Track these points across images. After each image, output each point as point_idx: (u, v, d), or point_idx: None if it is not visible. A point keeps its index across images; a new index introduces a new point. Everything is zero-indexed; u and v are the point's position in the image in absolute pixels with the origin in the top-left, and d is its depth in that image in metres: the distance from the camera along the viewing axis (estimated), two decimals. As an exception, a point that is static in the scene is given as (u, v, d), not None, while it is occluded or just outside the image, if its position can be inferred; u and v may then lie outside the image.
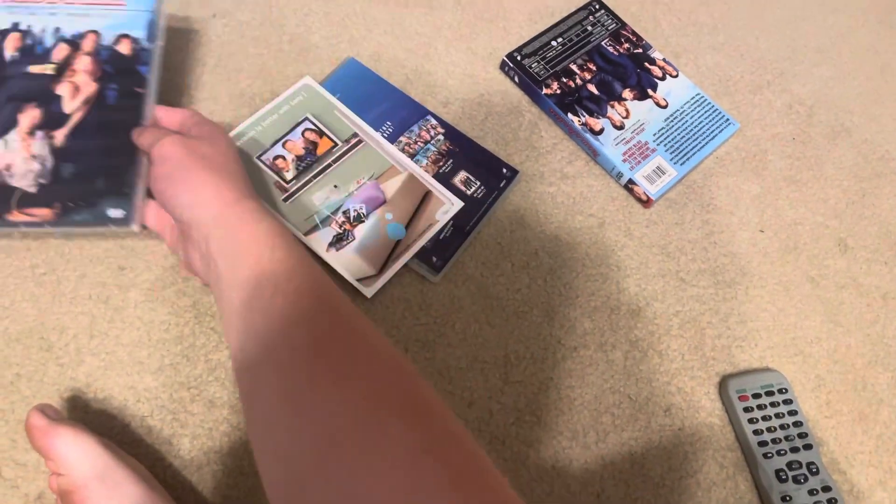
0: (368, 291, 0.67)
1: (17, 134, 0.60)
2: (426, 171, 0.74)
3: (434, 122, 0.77)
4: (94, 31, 0.65)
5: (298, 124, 0.73)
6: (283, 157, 0.71)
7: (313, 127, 0.73)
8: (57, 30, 0.65)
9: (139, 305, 0.63)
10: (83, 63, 0.63)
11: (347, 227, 0.69)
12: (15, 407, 0.58)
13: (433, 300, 0.69)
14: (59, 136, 0.60)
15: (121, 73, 0.64)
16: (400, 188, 0.71)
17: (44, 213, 0.58)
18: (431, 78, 0.82)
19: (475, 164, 0.76)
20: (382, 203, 0.70)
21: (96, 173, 0.60)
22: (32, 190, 0.58)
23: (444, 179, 0.74)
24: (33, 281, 0.63)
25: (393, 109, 0.77)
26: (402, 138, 0.75)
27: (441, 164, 0.75)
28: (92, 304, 0.63)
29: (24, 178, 0.59)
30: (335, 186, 0.70)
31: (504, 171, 0.76)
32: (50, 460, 0.51)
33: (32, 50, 0.63)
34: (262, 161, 0.70)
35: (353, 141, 0.73)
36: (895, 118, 0.94)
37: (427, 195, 0.72)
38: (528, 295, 0.71)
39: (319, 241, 0.68)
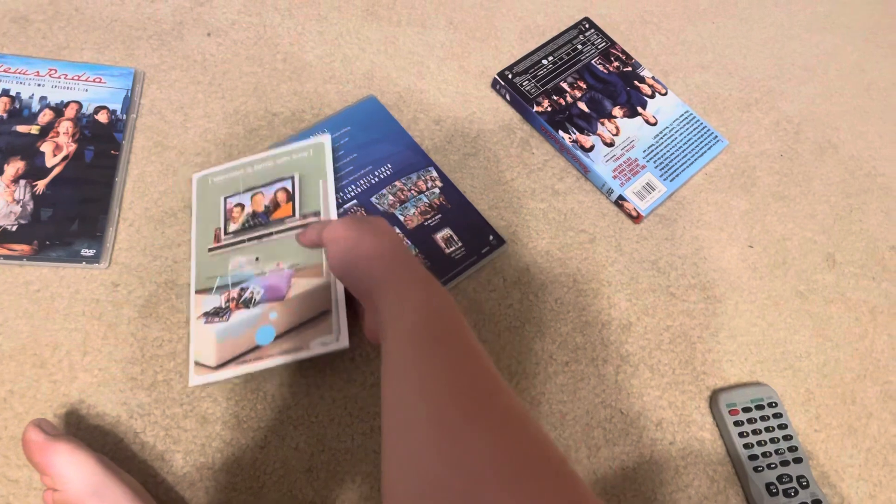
0: (192, 380, 0.61)
1: (1, 181, 0.67)
2: (410, 221, 0.73)
3: (435, 174, 0.77)
4: (77, 102, 0.72)
5: (281, 180, 0.69)
6: (242, 207, 0.68)
7: (289, 189, 0.68)
8: (43, 98, 0.71)
9: (132, 322, 0.64)
10: (65, 127, 0.71)
11: (232, 305, 0.63)
12: (8, 424, 0.58)
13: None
14: (41, 185, 0.67)
15: (98, 138, 0.71)
16: (307, 292, 0.63)
17: (23, 248, 0.64)
18: (424, 96, 0.83)
19: (463, 225, 0.74)
20: (280, 299, 0.63)
21: (72, 218, 0.66)
22: (13, 228, 0.65)
23: (426, 232, 0.73)
24: (27, 298, 0.63)
25: (399, 153, 0.77)
26: (396, 183, 0.75)
27: (428, 216, 0.74)
28: (85, 320, 0.63)
29: (6, 218, 0.65)
30: (256, 259, 0.65)
31: (490, 238, 0.74)
32: (46, 475, 0.51)
33: (20, 113, 0.70)
34: (224, 202, 0.69)
35: (310, 219, 0.66)
36: (881, 135, 0.96)
37: (324, 315, 0.61)
38: (519, 310, 0.72)
39: (200, 306, 0.64)
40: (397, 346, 0.47)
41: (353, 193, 0.73)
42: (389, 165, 0.76)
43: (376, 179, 0.75)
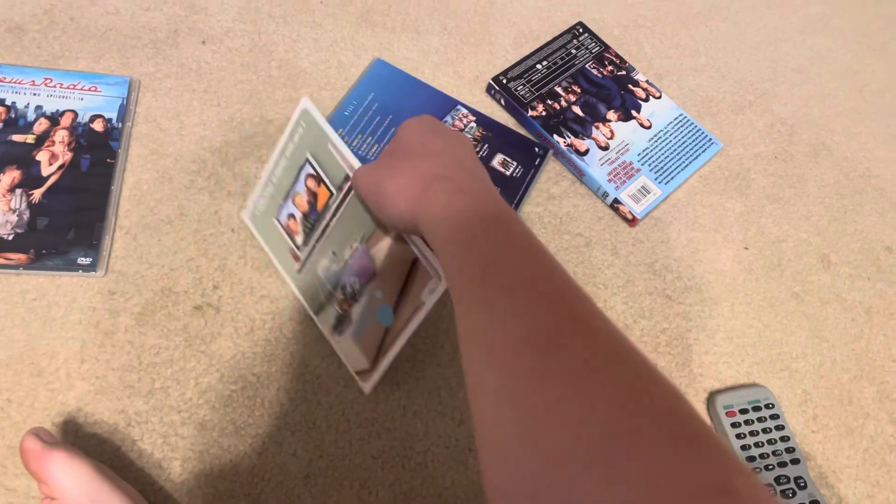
0: (366, 387, 0.63)
1: None
2: None
3: (465, 111, 0.82)
4: (72, 111, 0.72)
5: (301, 169, 0.64)
6: (294, 217, 0.65)
7: (313, 172, 0.63)
8: (39, 107, 0.72)
9: (129, 330, 0.64)
10: (60, 136, 0.71)
11: (345, 307, 0.63)
12: (5, 433, 0.58)
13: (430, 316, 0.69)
14: (37, 194, 0.67)
15: (94, 146, 0.71)
16: (388, 255, 0.59)
17: (19, 257, 0.64)
18: (419, 101, 0.83)
19: (509, 146, 0.81)
20: (373, 276, 0.60)
21: (68, 226, 0.67)
22: (9, 237, 0.65)
23: (484, 163, 0.78)
24: (24, 307, 0.63)
25: (427, 103, 0.82)
26: None
27: (478, 149, 0.79)
28: (82, 328, 0.63)
29: (3, 227, 0.65)
30: (333, 253, 0.63)
31: (536, 149, 0.81)
32: (43, 484, 0.51)
33: (16, 122, 0.71)
34: (279, 222, 0.66)
35: (346, 188, 0.61)
36: (875, 136, 0.96)
37: (415, 264, 0.57)
38: (516, 314, 0.72)
39: (326, 321, 0.65)
40: (453, 294, 0.42)
41: None
42: None
43: None
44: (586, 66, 0.89)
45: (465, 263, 0.42)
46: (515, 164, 0.80)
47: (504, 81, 0.85)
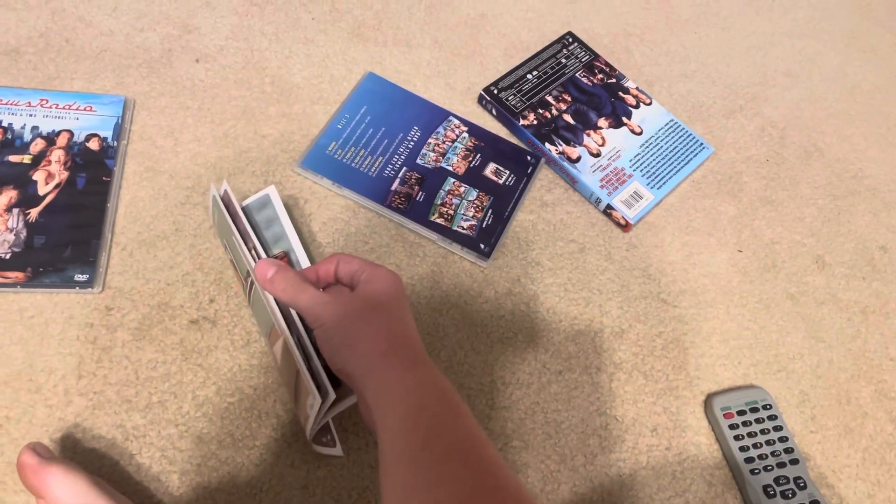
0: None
1: None
2: (458, 167, 0.77)
3: (457, 121, 0.83)
4: (68, 130, 0.73)
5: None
6: None
7: (230, 256, 0.66)
8: (35, 128, 0.73)
9: (126, 345, 0.64)
10: (57, 155, 0.72)
11: None
12: (4, 449, 0.58)
13: (417, 329, 0.70)
14: (34, 213, 0.68)
15: (90, 165, 0.72)
16: (282, 356, 0.61)
17: (16, 275, 0.65)
18: (411, 113, 0.84)
19: (501, 155, 0.82)
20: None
21: (65, 244, 0.67)
22: (7, 256, 0.65)
23: (476, 172, 0.80)
24: (21, 325, 0.64)
25: (419, 115, 0.83)
26: (430, 140, 0.81)
27: (470, 158, 0.80)
28: (80, 344, 0.63)
29: (0, 246, 0.65)
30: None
31: (528, 158, 0.82)
32: (41, 499, 0.51)
33: (12, 143, 0.72)
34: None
35: (248, 282, 0.62)
36: (867, 137, 0.97)
37: (298, 376, 0.58)
38: (511, 321, 0.72)
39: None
40: (388, 449, 0.46)
41: (400, 161, 0.79)
42: (416, 128, 0.81)
43: (412, 143, 0.80)
44: (576, 74, 0.90)
45: (412, 425, 0.46)
46: (508, 172, 0.80)
47: (495, 92, 0.86)
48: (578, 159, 0.82)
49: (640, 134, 0.86)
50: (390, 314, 0.54)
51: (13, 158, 0.70)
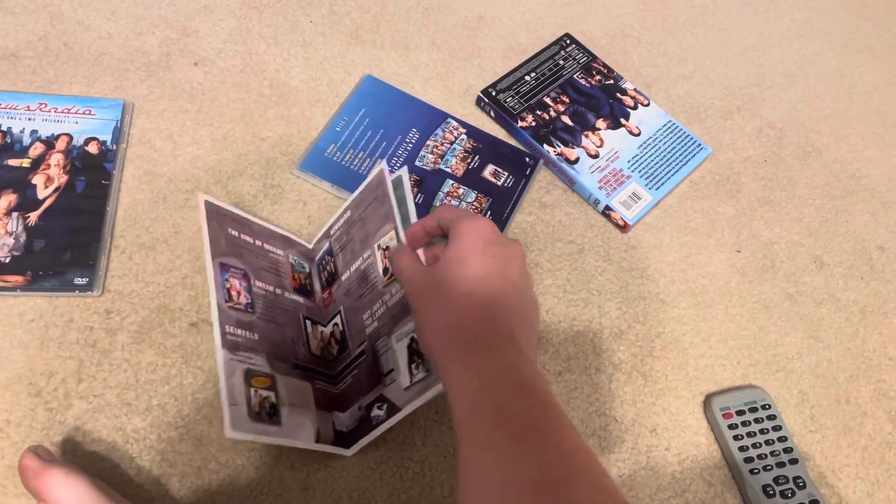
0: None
1: None
2: (457, 169, 0.78)
3: (455, 123, 0.83)
4: (67, 134, 0.74)
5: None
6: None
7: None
8: (34, 132, 0.73)
9: (126, 348, 0.64)
10: (56, 159, 0.72)
11: None
12: (5, 453, 0.58)
13: (417, 331, 0.70)
14: (33, 217, 0.68)
15: (89, 168, 0.73)
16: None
17: (16, 279, 0.65)
18: (409, 116, 0.84)
19: (500, 157, 0.82)
20: None
21: (64, 248, 0.67)
22: (6, 260, 0.66)
23: (475, 174, 0.80)
24: (21, 328, 0.64)
25: (417, 117, 0.83)
26: (428, 142, 0.82)
27: (469, 160, 0.81)
28: (80, 348, 0.64)
29: (0, 250, 0.65)
30: None
31: (527, 160, 0.83)
32: (42, 502, 0.51)
33: (11, 147, 0.72)
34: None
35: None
36: (864, 137, 0.97)
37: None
38: (510, 322, 0.72)
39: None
40: (461, 430, 0.45)
41: (399, 163, 0.79)
42: (415, 130, 0.82)
43: (410, 145, 0.81)
44: (574, 76, 0.90)
45: (481, 407, 0.45)
46: (506, 174, 0.81)
47: (493, 94, 0.86)
48: (577, 160, 0.83)
49: (639, 135, 0.86)
50: (448, 295, 0.51)
51: (12, 162, 0.71)
